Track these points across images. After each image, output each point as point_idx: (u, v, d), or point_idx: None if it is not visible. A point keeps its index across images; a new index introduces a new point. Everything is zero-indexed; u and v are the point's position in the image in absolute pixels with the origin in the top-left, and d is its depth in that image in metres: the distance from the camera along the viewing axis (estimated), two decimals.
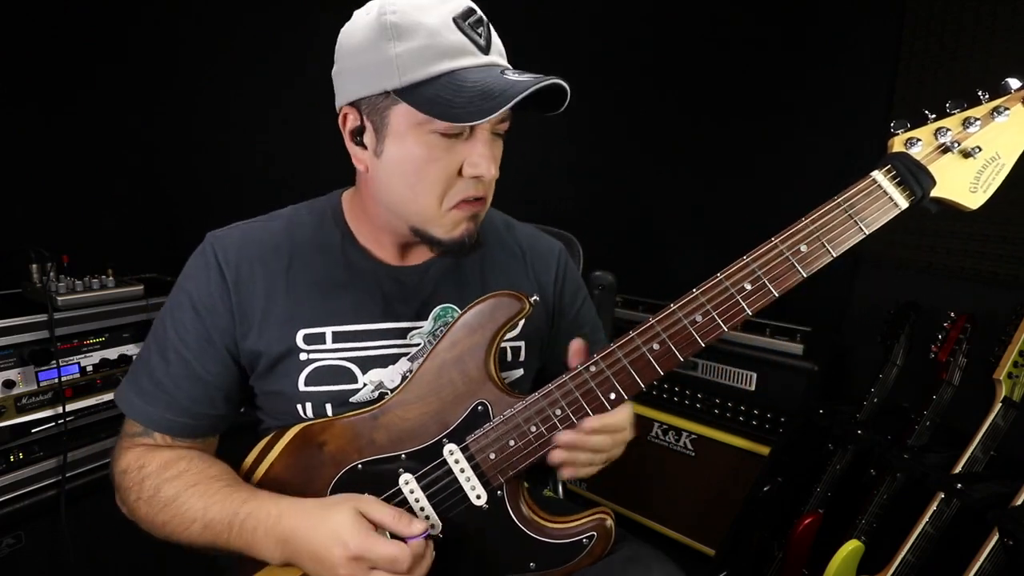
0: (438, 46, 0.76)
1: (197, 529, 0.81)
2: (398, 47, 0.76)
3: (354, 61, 0.81)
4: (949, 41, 1.77)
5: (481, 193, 0.85)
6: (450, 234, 0.86)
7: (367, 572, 0.74)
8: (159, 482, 0.84)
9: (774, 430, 1.92)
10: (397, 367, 0.92)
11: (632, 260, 2.19)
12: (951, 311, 1.61)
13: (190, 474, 0.85)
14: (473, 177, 0.82)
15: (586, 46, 2.39)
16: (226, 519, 0.80)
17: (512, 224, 1.09)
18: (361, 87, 0.80)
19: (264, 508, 0.80)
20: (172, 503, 0.83)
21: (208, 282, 0.88)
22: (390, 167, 0.83)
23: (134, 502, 0.85)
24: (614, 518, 0.86)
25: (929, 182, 0.76)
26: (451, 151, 0.80)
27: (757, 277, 0.75)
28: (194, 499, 0.82)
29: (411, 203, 0.83)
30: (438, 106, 0.75)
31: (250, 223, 0.95)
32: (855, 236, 0.75)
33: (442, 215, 0.84)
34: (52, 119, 1.71)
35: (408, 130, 0.79)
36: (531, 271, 1.04)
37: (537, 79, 0.75)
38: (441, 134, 0.79)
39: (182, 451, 0.89)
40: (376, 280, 0.93)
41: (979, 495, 1.37)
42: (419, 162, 0.80)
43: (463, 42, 0.77)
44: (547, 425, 0.81)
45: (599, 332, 1.11)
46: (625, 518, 2.22)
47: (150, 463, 0.86)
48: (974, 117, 0.76)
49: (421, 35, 0.75)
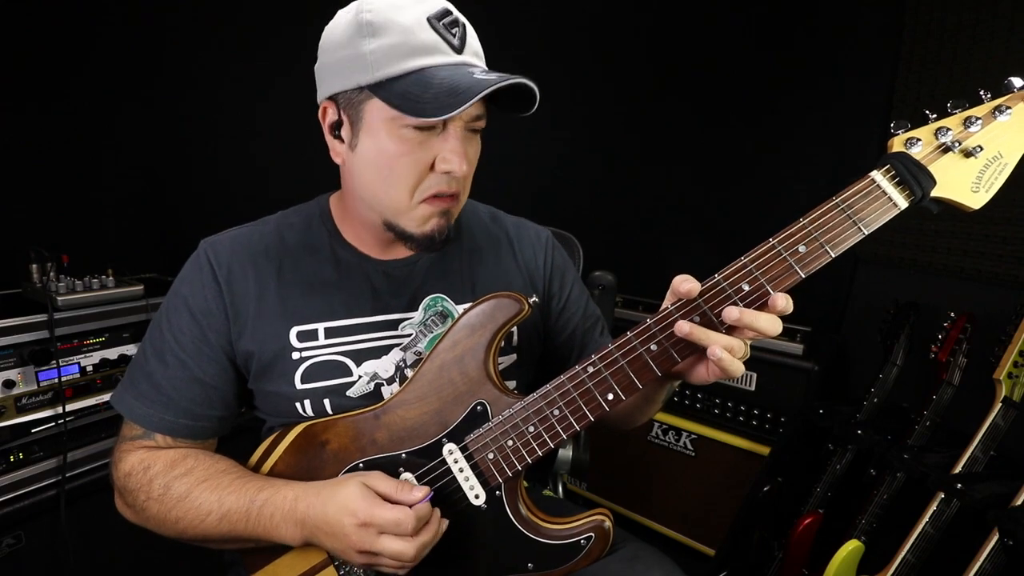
0: (410, 44, 0.78)
1: (213, 521, 0.82)
2: (372, 44, 0.78)
3: (333, 56, 0.83)
4: (949, 41, 1.77)
5: (454, 189, 0.86)
6: (421, 228, 0.87)
7: (376, 537, 0.76)
8: (168, 480, 0.85)
9: (774, 430, 1.93)
10: (390, 357, 0.93)
11: (632, 260, 2.19)
12: (951, 311, 1.61)
13: (199, 470, 0.86)
14: (445, 172, 0.83)
15: (586, 47, 2.39)
16: (243, 508, 0.82)
17: (498, 214, 1.10)
18: (338, 82, 0.82)
19: (280, 494, 0.82)
20: (185, 499, 0.83)
21: (202, 286, 0.89)
22: (364, 160, 0.84)
23: (143, 503, 0.85)
24: (612, 519, 0.87)
25: (929, 182, 0.75)
26: (424, 146, 0.82)
27: (755, 278, 0.75)
28: (207, 493, 0.83)
29: (383, 196, 0.85)
30: (407, 101, 0.77)
31: (241, 228, 0.97)
32: (854, 236, 0.75)
33: (412, 208, 0.85)
34: (52, 119, 1.71)
35: (381, 124, 0.81)
36: (519, 257, 1.05)
37: (502, 78, 0.76)
38: (414, 128, 0.80)
39: (186, 450, 0.90)
40: (365, 275, 0.94)
41: (979, 495, 1.37)
42: (391, 156, 0.82)
43: (436, 40, 0.79)
44: (545, 425, 0.81)
45: (592, 319, 1.11)
46: (625, 518, 2.22)
47: (155, 463, 0.86)
48: (975, 116, 0.75)
49: (394, 33, 0.78)
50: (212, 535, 0.84)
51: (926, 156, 0.76)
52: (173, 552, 1.28)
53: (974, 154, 0.75)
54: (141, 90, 1.86)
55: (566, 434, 0.81)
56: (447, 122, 0.81)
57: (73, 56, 1.73)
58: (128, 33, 1.83)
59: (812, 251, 0.74)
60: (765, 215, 2.12)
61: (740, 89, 2.26)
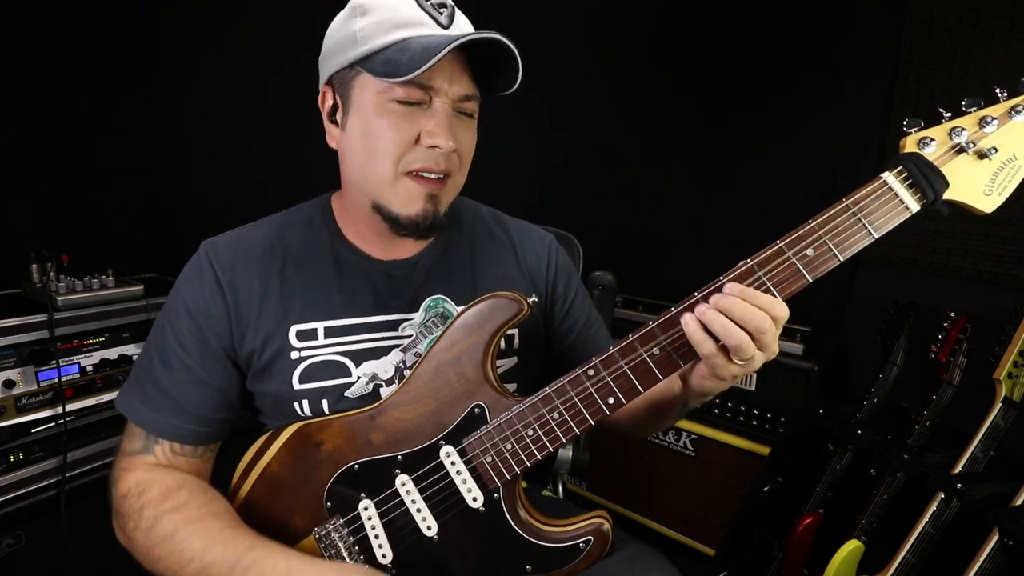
0: (394, 19, 0.81)
1: (193, 570, 0.78)
2: (361, 22, 0.82)
3: (330, 41, 0.87)
4: (949, 41, 1.77)
5: (440, 168, 0.85)
6: (406, 210, 0.86)
7: None
8: (158, 513, 0.82)
9: (774, 430, 1.92)
10: (390, 358, 0.93)
11: (632, 260, 2.19)
12: (951, 311, 1.61)
13: (190, 508, 0.83)
14: (430, 147, 0.83)
15: (586, 47, 2.38)
16: (227, 564, 0.77)
17: (501, 217, 1.10)
18: (334, 63, 0.85)
19: (271, 559, 0.77)
20: (170, 538, 0.80)
21: (203, 288, 0.88)
22: (353, 137, 0.86)
23: (132, 531, 0.83)
24: (612, 522, 0.86)
25: (942, 184, 0.72)
26: (410, 119, 0.82)
27: (761, 283, 0.73)
28: (193, 537, 0.79)
29: (368, 170, 0.85)
30: (388, 67, 0.79)
31: (242, 229, 0.96)
32: (863, 240, 0.72)
33: (396, 180, 0.84)
34: (52, 119, 1.71)
35: (369, 100, 0.83)
36: (522, 260, 1.04)
37: (478, 32, 0.78)
38: (400, 102, 0.81)
39: (182, 477, 0.87)
40: (366, 275, 0.94)
41: (979, 495, 1.36)
42: (378, 129, 0.83)
43: (420, 15, 0.82)
44: (544, 429, 0.81)
45: (596, 325, 1.11)
46: (625, 518, 2.22)
47: (150, 489, 0.84)
48: (991, 116, 0.73)
49: (381, 10, 0.81)
50: None
51: (940, 157, 0.73)
52: None
53: (988, 156, 0.72)
54: (141, 90, 1.86)
55: (566, 438, 0.81)
56: (433, 97, 0.82)
57: (73, 56, 1.73)
58: (128, 33, 1.83)
59: (820, 255, 0.72)
60: (765, 215, 2.12)
61: (740, 89, 2.26)
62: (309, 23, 1.03)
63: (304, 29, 1.10)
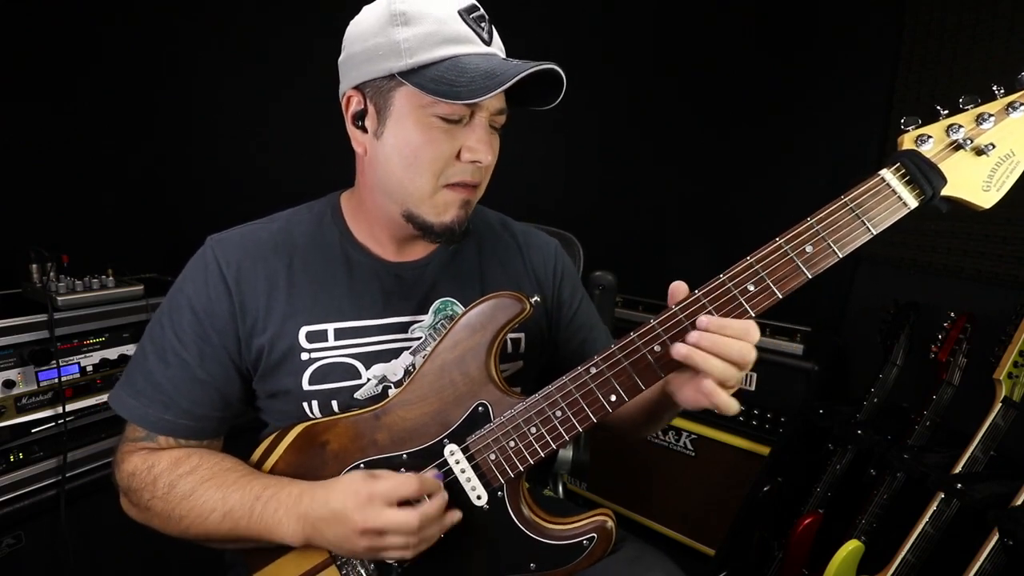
0: (444, 33, 0.80)
1: (216, 519, 0.82)
2: (405, 32, 0.79)
3: (362, 46, 0.83)
4: (949, 41, 1.77)
5: (477, 180, 0.87)
6: (440, 218, 0.87)
7: (381, 509, 0.76)
8: (173, 478, 0.84)
9: (774, 430, 1.93)
10: (400, 361, 0.93)
11: (632, 260, 2.19)
12: (951, 311, 1.61)
13: (203, 468, 0.85)
14: (471, 162, 0.84)
15: (589, 47, 2.38)
16: (247, 504, 0.82)
17: (508, 221, 1.10)
18: (367, 70, 0.83)
19: (285, 490, 0.82)
20: (189, 496, 0.83)
21: (207, 285, 0.88)
22: (389, 148, 0.85)
23: (148, 501, 0.85)
24: (615, 520, 0.86)
25: (940, 181, 0.73)
26: (450, 135, 0.83)
27: (761, 278, 0.73)
28: (211, 491, 0.83)
29: (407, 183, 0.85)
30: (442, 86, 0.77)
31: (249, 225, 0.95)
32: (862, 236, 0.73)
33: (435, 193, 0.85)
34: (52, 119, 1.71)
35: (410, 112, 0.82)
36: (529, 265, 1.05)
37: (537, 63, 0.78)
38: (441, 118, 0.81)
39: (189, 449, 0.89)
40: (376, 276, 0.94)
41: (979, 495, 1.37)
42: (418, 143, 0.82)
43: (467, 32, 0.81)
44: (547, 426, 0.81)
45: (599, 329, 1.11)
46: (625, 518, 2.22)
47: (159, 463, 0.86)
48: (988, 113, 0.74)
49: (428, 22, 0.79)
50: (214, 534, 0.83)
51: (937, 154, 0.74)
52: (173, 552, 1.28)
53: (986, 152, 0.73)
54: (142, 90, 1.86)
55: (568, 435, 0.81)
56: (474, 113, 0.82)
57: (74, 56, 1.73)
58: (129, 33, 1.83)
59: (819, 251, 0.73)
60: (764, 214, 2.11)
61: (740, 89, 2.26)
62: (310, 24, 1.03)
63: (305, 30, 1.11)
